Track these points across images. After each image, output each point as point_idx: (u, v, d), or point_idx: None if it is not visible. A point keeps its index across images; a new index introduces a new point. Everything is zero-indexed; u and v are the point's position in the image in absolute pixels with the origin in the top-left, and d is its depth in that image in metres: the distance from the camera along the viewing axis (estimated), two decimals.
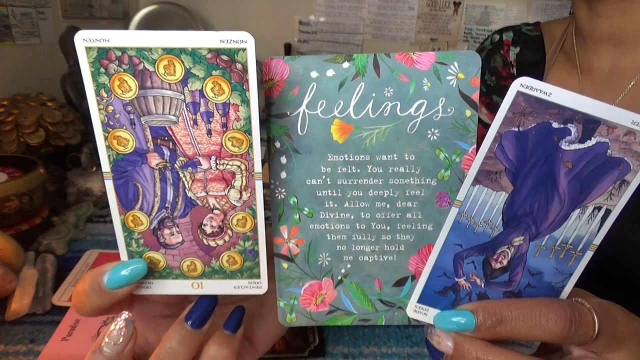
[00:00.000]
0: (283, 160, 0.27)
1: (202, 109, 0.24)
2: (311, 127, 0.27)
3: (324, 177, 0.27)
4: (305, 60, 0.26)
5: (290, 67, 0.26)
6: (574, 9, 0.53)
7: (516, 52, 0.62)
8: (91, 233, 0.68)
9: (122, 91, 0.24)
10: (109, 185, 0.25)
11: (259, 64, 0.24)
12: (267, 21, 1.55)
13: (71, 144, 0.78)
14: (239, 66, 0.23)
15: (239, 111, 0.24)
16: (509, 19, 1.55)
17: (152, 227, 0.26)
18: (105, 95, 0.24)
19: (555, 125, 0.23)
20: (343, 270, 0.29)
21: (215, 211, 0.26)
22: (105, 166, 0.25)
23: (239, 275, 0.27)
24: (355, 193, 0.27)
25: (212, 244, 0.27)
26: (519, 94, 0.23)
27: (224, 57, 0.23)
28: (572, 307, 0.24)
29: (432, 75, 0.26)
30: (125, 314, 0.26)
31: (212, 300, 0.28)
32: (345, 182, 0.27)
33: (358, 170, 0.27)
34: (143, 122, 0.24)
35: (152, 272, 0.27)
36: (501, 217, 0.25)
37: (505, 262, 0.26)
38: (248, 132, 0.24)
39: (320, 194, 0.27)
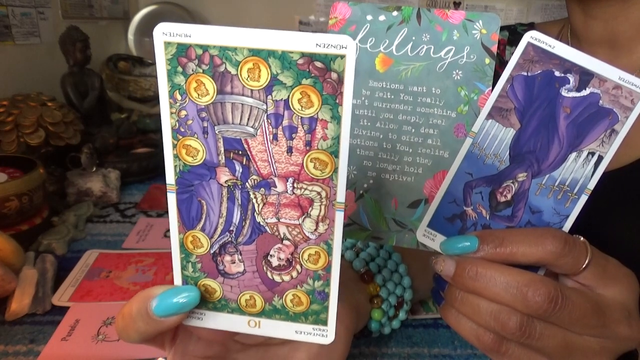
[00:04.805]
0: None
1: (285, 122, 0.21)
2: (360, 57, 0.32)
3: (363, 98, 0.32)
4: (364, 6, 0.32)
5: (352, 10, 0.32)
6: (569, 12, 0.53)
7: (512, 51, 0.62)
8: (91, 233, 0.68)
9: (199, 95, 0.21)
10: (172, 200, 0.23)
11: None
12: (267, 21, 1.55)
13: (71, 144, 0.78)
14: (333, 76, 0.20)
15: (327, 129, 0.21)
16: (509, 19, 1.55)
17: (212, 252, 0.24)
18: (179, 97, 0.21)
19: (557, 73, 0.27)
20: (365, 185, 0.32)
21: (286, 242, 0.23)
22: (170, 177, 0.22)
23: (303, 318, 0.24)
24: (387, 115, 0.32)
25: (277, 278, 0.24)
26: (529, 44, 0.27)
27: (318, 64, 0.20)
28: (568, 234, 0.27)
29: (461, 28, 0.31)
30: None
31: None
32: (380, 105, 0.32)
33: (392, 97, 0.32)
34: (217, 132, 0.22)
35: (206, 302, 0.24)
36: (508, 152, 0.28)
37: (509, 196, 0.28)
38: (334, 154, 0.21)
39: (357, 112, 0.32)
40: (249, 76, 0.21)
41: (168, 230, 0.69)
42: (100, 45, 1.24)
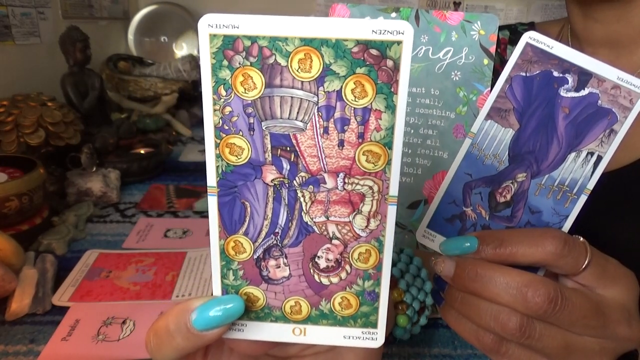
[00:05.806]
0: None
1: (337, 114, 0.20)
2: None
3: None
4: (363, 7, 0.32)
5: (350, 12, 0.32)
6: (568, 13, 0.53)
7: (513, 50, 0.62)
8: (91, 233, 0.68)
9: (245, 89, 0.20)
10: (212, 203, 0.21)
11: None
12: None
13: (71, 144, 0.78)
14: (389, 63, 0.19)
15: (381, 119, 0.20)
16: (509, 19, 1.55)
17: (255, 257, 0.22)
18: (224, 93, 0.20)
19: (555, 74, 0.27)
20: None
21: (335, 241, 0.22)
22: (212, 179, 0.21)
23: (352, 322, 0.23)
24: None
25: (325, 281, 0.23)
26: (527, 44, 0.27)
27: (373, 52, 0.19)
28: (567, 235, 0.27)
29: (459, 29, 0.31)
30: None
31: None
32: None
33: None
34: (264, 128, 0.20)
35: (248, 311, 0.23)
36: (507, 153, 0.28)
37: (508, 196, 0.28)
38: (388, 145, 0.20)
39: None
40: (299, 67, 0.19)
41: (168, 230, 0.69)
42: (100, 45, 1.24)
